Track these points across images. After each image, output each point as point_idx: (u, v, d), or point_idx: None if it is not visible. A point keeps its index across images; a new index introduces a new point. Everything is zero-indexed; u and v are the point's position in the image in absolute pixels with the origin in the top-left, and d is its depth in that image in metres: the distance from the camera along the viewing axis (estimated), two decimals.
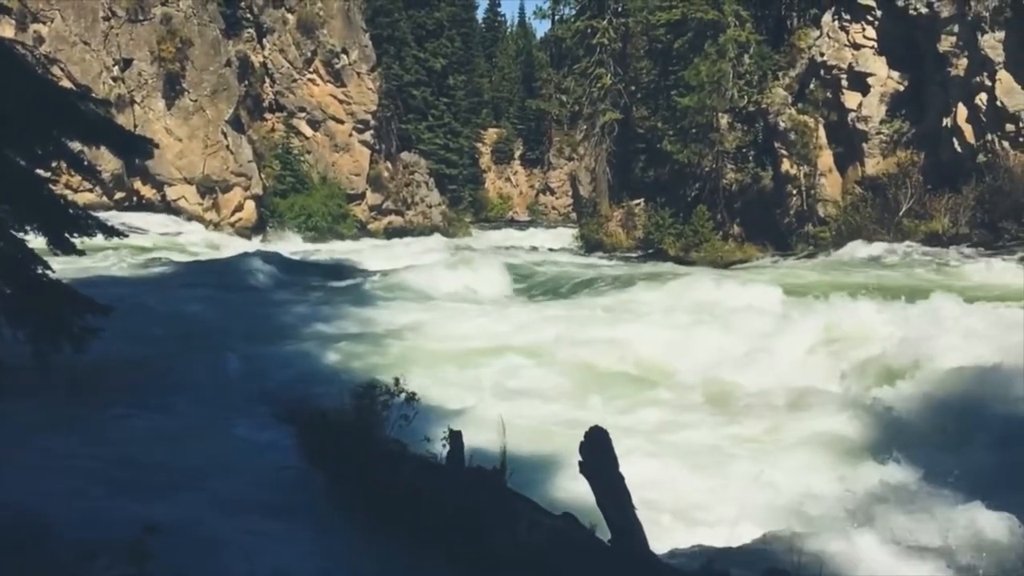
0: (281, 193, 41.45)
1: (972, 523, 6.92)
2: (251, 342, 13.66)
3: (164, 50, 37.43)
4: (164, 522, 4.76)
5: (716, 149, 33.72)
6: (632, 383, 12.17)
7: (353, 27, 44.07)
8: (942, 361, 11.07)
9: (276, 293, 19.20)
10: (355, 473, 7.07)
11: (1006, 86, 27.12)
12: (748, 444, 9.77)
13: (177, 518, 5.80)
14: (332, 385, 8.54)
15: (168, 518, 5.49)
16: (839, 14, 32.32)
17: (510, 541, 5.85)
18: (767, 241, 32.75)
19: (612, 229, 38.92)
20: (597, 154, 42.06)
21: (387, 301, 18.15)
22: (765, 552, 6.02)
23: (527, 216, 66.06)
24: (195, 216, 38.13)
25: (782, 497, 7.84)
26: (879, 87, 31.40)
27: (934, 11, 28.94)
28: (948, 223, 27.53)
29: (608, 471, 5.42)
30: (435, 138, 54.79)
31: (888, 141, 30.86)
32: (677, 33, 35.40)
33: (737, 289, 17.53)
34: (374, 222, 45.74)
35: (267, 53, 43.32)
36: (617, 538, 5.40)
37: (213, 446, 8.26)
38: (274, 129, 43.58)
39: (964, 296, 14.78)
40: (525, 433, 8.73)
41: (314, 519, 6.41)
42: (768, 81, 33.76)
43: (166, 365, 11.76)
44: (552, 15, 50.86)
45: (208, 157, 38.17)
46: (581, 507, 5.93)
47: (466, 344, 14.12)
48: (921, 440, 9.36)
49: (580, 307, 17.74)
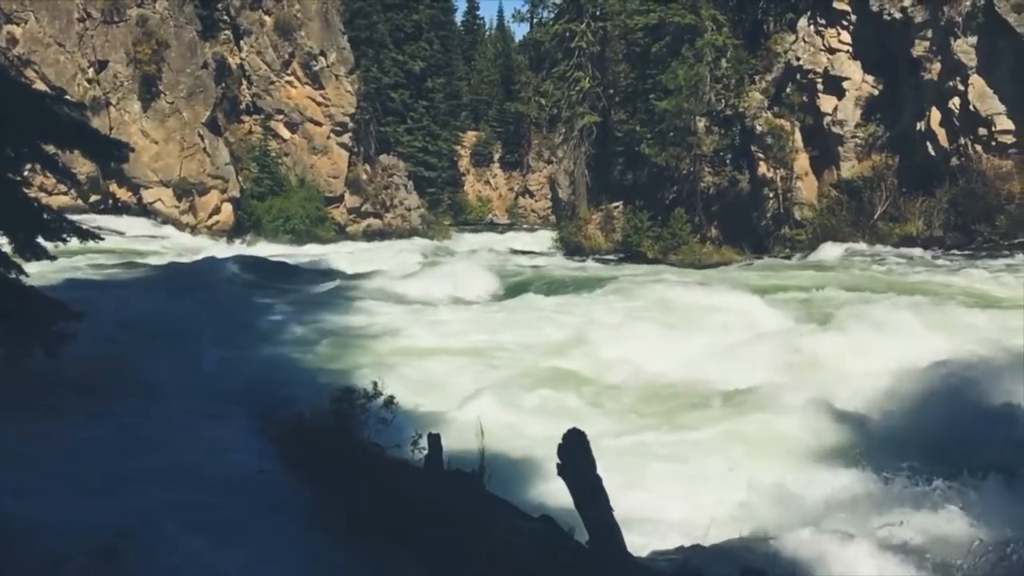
0: (259, 196, 41.22)
1: (939, 521, 7.02)
2: (226, 345, 13.58)
3: (140, 52, 37.14)
4: (137, 527, 4.72)
5: (694, 152, 33.90)
6: (607, 385, 12.19)
7: (331, 29, 43.93)
8: (904, 363, 11.23)
9: (252, 296, 19.08)
10: (333, 476, 7.04)
11: (978, 90, 27.49)
12: (717, 445, 9.83)
13: (151, 522, 5.75)
14: (309, 388, 8.50)
15: (141, 522, 5.44)
16: (815, 19, 32.64)
17: (489, 544, 5.85)
18: (744, 243, 32.97)
19: (591, 232, 39.02)
20: (576, 157, 42.16)
21: (364, 304, 18.09)
22: (738, 552, 6.07)
23: (506, 219, 66.06)
24: (171, 219, 37.85)
25: (754, 497, 7.90)
26: (854, 91, 31.73)
27: (908, 16, 29.30)
28: (922, 226, 27.86)
29: (586, 473, 5.44)
30: (414, 141, 54.69)
31: (863, 144, 31.19)
32: (655, 37, 35.58)
33: (703, 292, 17.72)
34: (353, 225, 45.59)
35: (244, 55, 43.08)
36: (595, 539, 5.41)
37: (187, 449, 8.20)
38: (251, 131, 43.33)
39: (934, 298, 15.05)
40: (504, 436, 8.74)
41: (290, 523, 6.37)
42: (745, 85, 34.01)
43: (139, 368, 11.66)
44: (531, 18, 51.11)
45: (184, 159, 37.91)
46: (560, 509, 5.95)
47: (444, 347, 14.11)
48: (889, 440, 9.48)
49: (558, 309, 17.76)
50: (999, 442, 9.02)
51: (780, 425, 10.31)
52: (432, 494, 6.39)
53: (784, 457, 9.29)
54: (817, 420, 10.40)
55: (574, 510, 5.40)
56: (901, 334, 12.71)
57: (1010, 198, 26.39)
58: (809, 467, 9.11)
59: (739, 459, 9.04)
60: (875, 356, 11.90)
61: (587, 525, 5.41)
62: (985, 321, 14.01)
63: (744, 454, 9.35)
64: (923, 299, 16.00)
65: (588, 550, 5.46)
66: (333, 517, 6.58)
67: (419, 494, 6.42)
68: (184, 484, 7.04)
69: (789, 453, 9.39)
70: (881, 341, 12.43)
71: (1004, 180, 26.69)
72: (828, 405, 10.72)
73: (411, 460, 6.82)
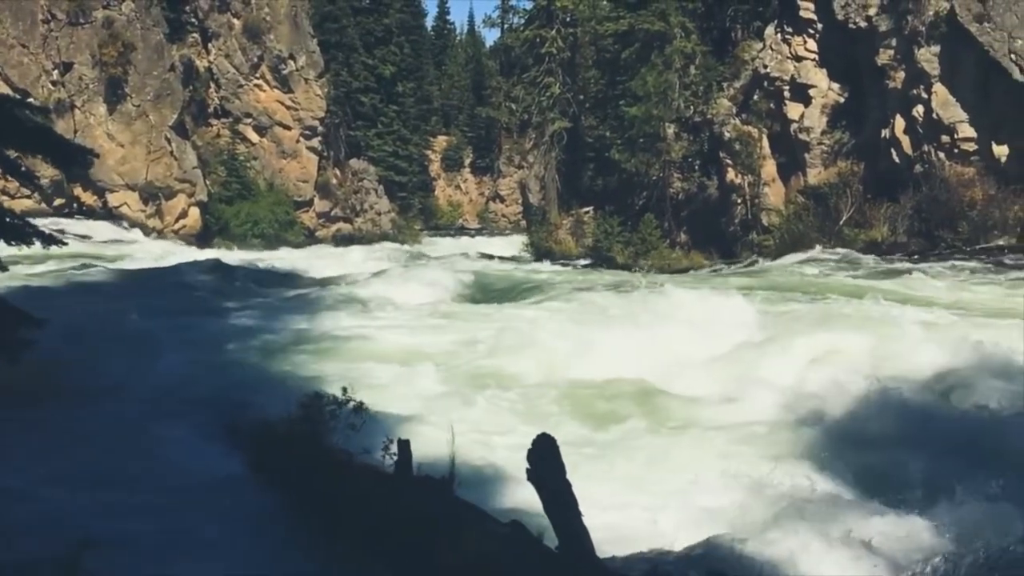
0: (227, 200, 40.86)
1: (906, 523, 7.12)
2: (193, 351, 13.43)
3: (106, 54, 36.68)
4: (101, 536, 4.66)
5: (663, 158, 34.15)
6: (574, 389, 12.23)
7: (300, 33, 43.71)
8: (876, 365, 11.40)
9: (219, 301, 18.89)
10: (301, 483, 7.00)
11: (941, 98, 27.96)
12: (682, 447, 9.91)
13: (115, 531, 5.67)
14: (277, 394, 8.43)
15: (106, 531, 5.37)
16: (782, 27, 33.03)
17: (458, 550, 5.85)
18: (713, 249, 33.25)
19: (561, 237, 39.12)
20: (546, 162, 42.29)
21: (332, 309, 17.99)
22: (707, 555, 6.12)
23: (477, 224, 66.06)
24: (138, 223, 37.40)
25: (721, 499, 7.97)
26: (820, 99, 32.14)
27: (872, 25, 29.75)
28: (887, 231, 28.25)
29: (555, 478, 5.45)
30: (384, 145, 54.52)
31: (829, 151, 31.59)
32: (624, 44, 35.80)
33: (666, 295, 17.90)
34: (322, 229, 45.34)
35: (212, 58, 42.71)
36: (564, 545, 5.43)
37: (153, 457, 8.10)
38: (219, 135, 42.97)
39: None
40: (474, 441, 8.74)
41: (258, 530, 6.33)
42: (713, 92, 34.33)
43: (103, 376, 11.49)
44: (501, 24, 51.23)
45: (151, 163, 37.48)
46: (529, 514, 5.96)
47: (414, 352, 14.06)
48: (855, 442, 9.60)
49: (528, 313, 17.79)
50: (969, 444, 9.17)
51: (745, 428, 10.41)
52: (402, 500, 6.38)
53: (750, 459, 9.38)
54: (783, 422, 10.53)
55: (543, 514, 5.41)
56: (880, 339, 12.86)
57: (972, 204, 26.85)
58: (775, 469, 9.20)
59: (705, 461, 9.11)
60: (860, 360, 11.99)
61: (556, 530, 5.42)
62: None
63: (710, 457, 9.42)
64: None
65: (557, 555, 5.47)
66: (302, 524, 6.54)
67: (389, 500, 6.40)
68: (147, 493, 6.94)
69: (755, 455, 9.48)
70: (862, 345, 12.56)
71: (966, 187, 27.15)
72: (793, 407, 10.84)
73: (381, 466, 6.79)
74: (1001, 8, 26.54)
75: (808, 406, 10.81)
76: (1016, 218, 26.17)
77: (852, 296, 17.27)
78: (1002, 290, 18.93)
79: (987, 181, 26.92)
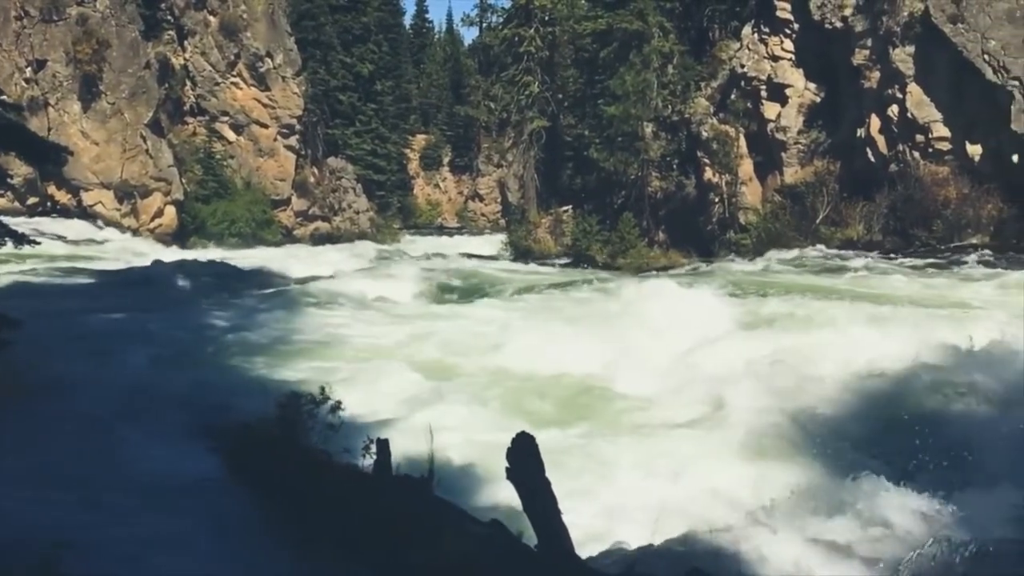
0: (203, 199, 40.53)
1: (884, 518, 7.18)
2: (167, 351, 13.31)
3: (80, 51, 36.26)
4: (75, 538, 4.59)
5: (641, 157, 34.26)
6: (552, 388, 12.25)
7: (278, 30, 43.43)
8: (850, 361, 11.49)
9: (194, 301, 18.74)
10: (279, 484, 6.95)
11: (916, 98, 28.23)
12: (663, 443, 9.94)
13: (90, 534, 5.60)
14: (253, 394, 8.37)
15: (80, 534, 5.30)
16: (759, 27, 33.21)
17: (438, 549, 5.83)
18: (691, 247, 33.39)
19: (540, 236, 39.15)
20: (525, 161, 42.31)
21: (310, 308, 17.91)
22: (685, 552, 6.14)
23: (456, 223, 65.95)
24: (113, 222, 37.01)
25: (700, 496, 8.00)
26: (797, 98, 32.36)
27: (848, 25, 29.99)
28: (862, 230, 28.50)
29: (534, 477, 5.45)
30: (362, 144, 54.31)
31: (805, 151, 31.81)
32: (603, 43, 35.89)
33: (640, 292, 18.01)
34: (300, 228, 45.09)
35: (188, 56, 42.34)
36: (543, 543, 5.43)
37: (128, 458, 8.01)
38: (196, 133, 42.62)
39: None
40: (453, 440, 8.72)
41: (235, 532, 6.27)
42: (691, 91, 34.48)
43: (78, 377, 11.33)
44: (480, 22, 51.14)
45: (126, 161, 37.09)
46: (509, 513, 5.95)
47: (392, 352, 14.02)
48: (835, 437, 9.67)
49: (507, 312, 17.80)
50: (944, 439, 9.25)
51: (721, 423, 10.46)
52: (381, 500, 6.35)
53: (728, 455, 9.43)
54: (760, 418, 10.58)
55: (523, 514, 5.41)
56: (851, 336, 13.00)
57: (946, 203, 27.13)
58: (754, 464, 9.25)
59: (683, 458, 9.15)
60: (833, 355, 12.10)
61: (536, 528, 5.42)
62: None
63: (688, 453, 9.46)
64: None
65: (537, 553, 5.47)
66: (280, 526, 6.50)
67: (368, 500, 6.37)
68: (122, 495, 6.86)
69: (733, 451, 9.53)
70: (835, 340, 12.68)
71: (940, 186, 27.43)
72: (770, 403, 10.90)
73: (360, 466, 6.76)
74: (975, 9, 26.83)
75: (771, 403, 10.87)
76: (990, 217, 26.47)
77: (817, 293, 17.51)
78: (961, 284, 19.33)
79: (961, 180, 27.21)
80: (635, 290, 18.16)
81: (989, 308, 15.53)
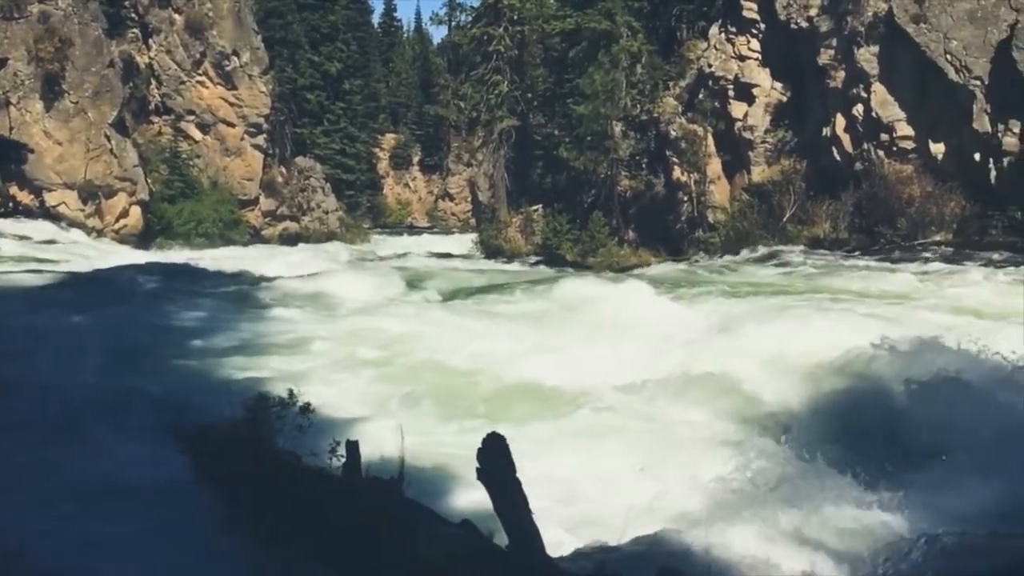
0: (169, 199, 40.03)
1: (855, 514, 7.24)
2: (131, 352, 13.09)
3: (42, 49, 35.63)
4: (32, 546, 4.49)
5: (611, 156, 34.40)
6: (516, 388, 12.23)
7: (244, 29, 43.01)
8: (817, 353, 11.61)
9: (160, 303, 18.42)
10: (247, 488, 6.86)
11: (880, 97, 28.62)
12: (626, 440, 9.97)
13: (47, 542, 5.47)
14: (220, 396, 8.24)
15: (37, 542, 5.18)
16: (726, 27, 33.47)
17: (409, 552, 5.79)
18: (661, 246, 33.59)
19: (511, 235, 39.16)
20: (495, 160, 42.26)
21: (277, 310, 17.69)
22: (655, 551, 6.15)
23: (426, 222, 65.81)
24: (77, 223, 36.40)
25: (668, 492, 8.03)
26: (763, 97, 32.66)
27: (814, 25, 30.32)
28: (829, 228, 28.84)
29: (505, 477, 5.43)
30: (331, 143, 54.00)
31: (772, 149, 32.13)
32: (571, 42, 35.99)
33: (600, 289, 18.16)
34: (268, 228, 44.71)
35: (153, 54, 41.80)
36: (514, 544, 5.41)
37: (90, 463, 7.84)
38: (161, 132, 42.08)
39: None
40: (424, 442, 8.67)
41: (202, 539, 6.17)
42: (659, 91, 34.68)
43: (37, 379, 11.11)
44: (448, 21, 51.04)
45: (90, 161, 36.52)
46: (480, 513, 5.93)
47: (361, 352, 13.92)
48: (803, 432, 9.75)
49: (474, 312, 17.76)
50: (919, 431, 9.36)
51: (689, 419, 10.51)
52: (351, 502, 6.30)
53: (697, 451, 9.47)
54: (730, 413, 10.65)
55: (495, 514, 5.39)
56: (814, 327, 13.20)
57: (910, 201, 27.53)
58: (723, 460, 9.30)
59: (651, 455, 9.17)
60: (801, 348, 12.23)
61: (506, 529, 5.40)
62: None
63: (655, 449, 9.49)
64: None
65: (508, 553, 5.46)
66: (247, 529, 6.42)
67: (337, 503, 6.31)
68: (82, 501, 6.72)
69: (701, 447, 9.58)
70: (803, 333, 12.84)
71: (905, 184, 27.84)
72: (740, 396, 10.98)
73: (329, 468, 6.69)
74: (937, 9, 27.24)
75: (733, 401, 10.95)
76: (953, 214, 26.90)
77: (756, 288, 17.84)
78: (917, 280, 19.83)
79: (924, 178, 27.63)
80: (573, 288, 18.42)
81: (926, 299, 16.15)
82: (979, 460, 8.26)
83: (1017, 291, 16.83)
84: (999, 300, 16.61)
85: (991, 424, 9.07)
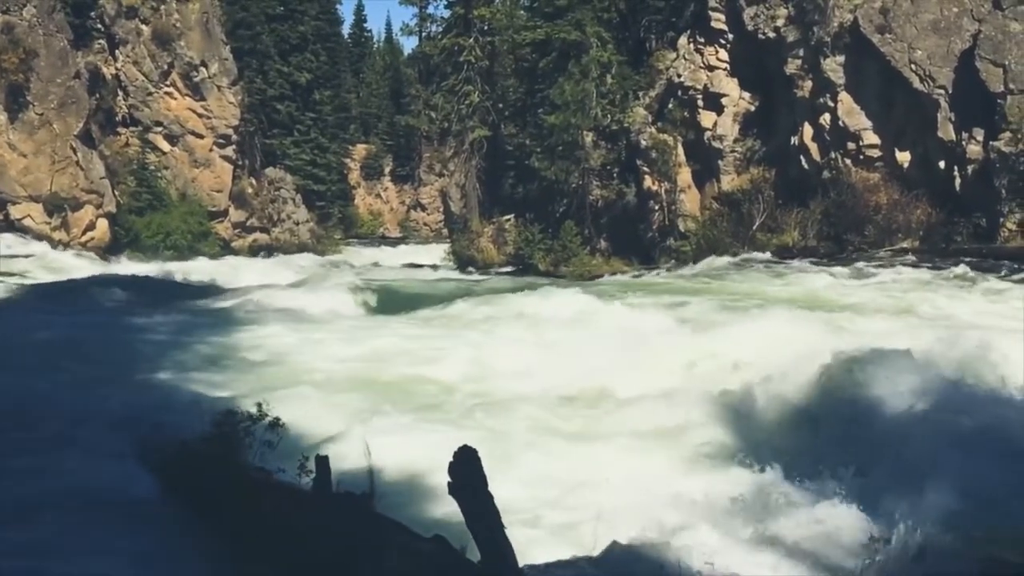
0: (137, 211, 39.59)
1: (830, 520, 7.26)
2: (97, 368, 12.88)
3: (6, 60, 35.18)
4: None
5: (582, 166, 34.49)
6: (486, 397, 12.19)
7: (212, 39, 42.72)
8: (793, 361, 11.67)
9: (127, 317, 18.18)
10: (216, 505, 6.77)
11: (847, 107, 28.97)
12: (604, 447, 9.96)
13: (15, 560, 5.36)
14: (188, 412, 8.12)
15: (3, 560, 5.07)
16: (694, 37, 33.73)
17: (380, 567, 5.73)
18: (632, 255, 33.70)
19: (483, 245, 39.13)
20: (467, 170, 42.26)
21: (245, 323, 17.51)
22: (630, 559, 6.13)
23: (398, 232, 65.62)
24: (42, 235, 35.88)
25: (644, 500, 8.01)
26: (732, 107, 32.93)
27: (781, 36, 30.64)
28: (797, 236, 29.09)
29: (477, 491, 5.39)
30: (301, 153, 53.72)
31: (742, 159, 32.38)
32: (542, 53, 36.08)
33: (570, 299, 18.24)
34: (238, 240, 44.33)
35: (120, 65, 41.38)
36: (487, 557, 5.37)
37: (55, 480, 7.70)
38: (128, 144, 41.62)
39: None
40: (394, 456, 8.59)
41: (172, 556, 6.08)
42: (630, 101, 34.83)
43: (1, 395, 10.90)
44: (419, 32, 50.85)
45: (56, 173, 36.05)
46: (452, 527, 5.87)
47: (331, 366, 13.80)
48: (778, 439, 9.78)
49: (443, 323, 17.69)
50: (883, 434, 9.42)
51: (660, 426, 10.52)
52: (321, 518, 6.22)
53: (668, 458, 9.47)
54: (700, 419, 10.66)
55: (467, 528, 5.34)
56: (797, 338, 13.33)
57: (877, 209, 27.86)
58: (695, 467, 9.31)
59: (623, 462, 9.17)
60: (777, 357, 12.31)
61: (478, 543, 5.36)
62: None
63: (628, 456, 9.48)
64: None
65: (480, 569, 5.41)
66: (217, 546, 6.32)
67: (307, 519, 6.24)
68: (50, 517, 6.59)
69: (672, 454, 9.59)
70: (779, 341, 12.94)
71: (871, 192, 28.17)
72: (711, 403, 11.00)
73: (298, 484, 6.61)
74: (902, 20, 27.64)
75: (698, 407, 11.00)
76: (919, 221, 27.24)
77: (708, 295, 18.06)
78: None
79: (891, 186, 27.96)
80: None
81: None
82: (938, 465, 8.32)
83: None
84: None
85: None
